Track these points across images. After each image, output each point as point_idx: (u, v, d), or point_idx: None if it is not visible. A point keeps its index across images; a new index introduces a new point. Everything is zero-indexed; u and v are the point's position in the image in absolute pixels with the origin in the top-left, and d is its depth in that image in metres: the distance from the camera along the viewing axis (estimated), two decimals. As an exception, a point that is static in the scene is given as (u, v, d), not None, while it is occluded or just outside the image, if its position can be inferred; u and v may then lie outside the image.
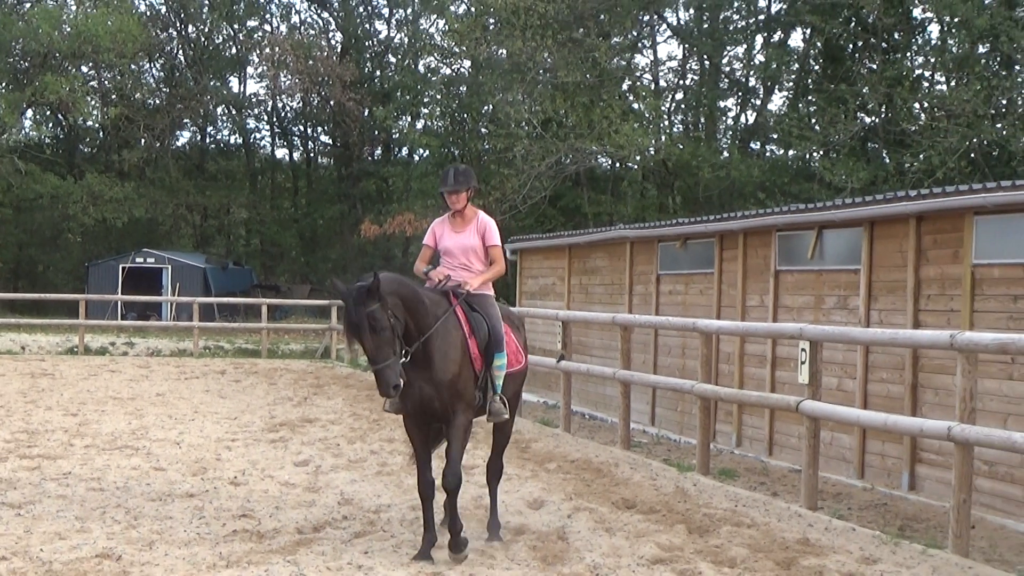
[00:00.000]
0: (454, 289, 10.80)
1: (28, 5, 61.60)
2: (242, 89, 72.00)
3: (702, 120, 51.42)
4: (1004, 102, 40.40)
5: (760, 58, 51.62)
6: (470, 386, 10.57)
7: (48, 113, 66.00)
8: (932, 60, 44.74)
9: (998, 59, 41.94)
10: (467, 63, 56.76)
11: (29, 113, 64.00)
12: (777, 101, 53.11)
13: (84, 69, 62.69)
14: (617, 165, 51.76)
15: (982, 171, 38.04)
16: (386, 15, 70.29)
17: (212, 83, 68.47)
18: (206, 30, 69.94)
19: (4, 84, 58.85)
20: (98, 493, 13.02)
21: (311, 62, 63.71)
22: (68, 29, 57.35)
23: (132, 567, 9.60)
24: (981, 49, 42.05)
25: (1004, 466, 14.25)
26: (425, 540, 10.32)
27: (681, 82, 53.64)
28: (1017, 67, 41.70)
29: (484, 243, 11.22)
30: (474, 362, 10.61)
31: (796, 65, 50.70)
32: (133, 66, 63.88)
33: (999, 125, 39.33)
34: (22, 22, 58.13)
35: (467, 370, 10.52)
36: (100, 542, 10.51)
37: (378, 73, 68.01)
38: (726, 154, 48.23)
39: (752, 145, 52.37)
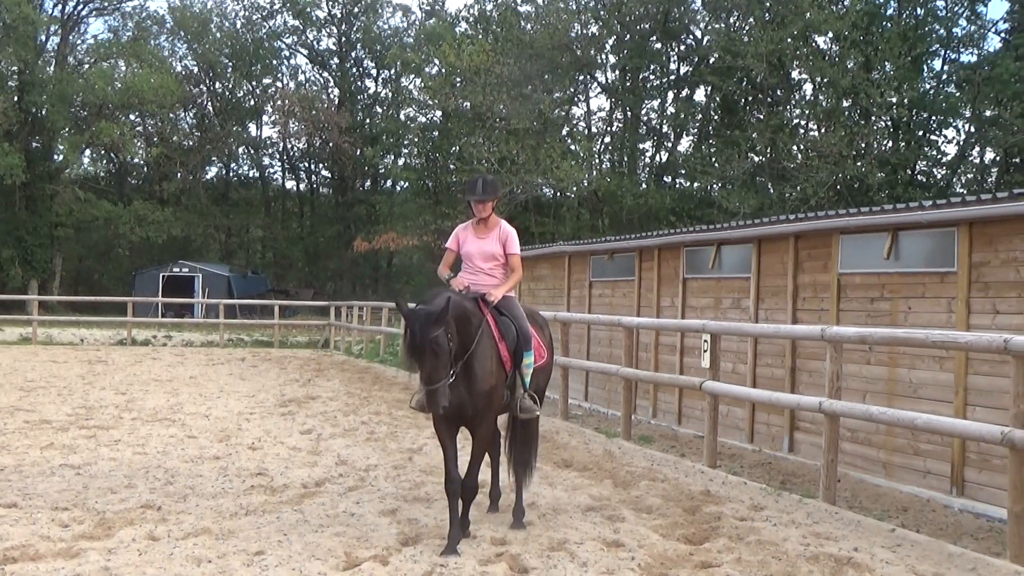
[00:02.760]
0: (482, 297, 9.20)
1: (87, 66, 61.20)
2: (259, 133, 71.79)
3: (625, 159, 51.45)
4: (863, 145, 40.79)
5: (671, 110, 51.80)
6: (501, 391, 9.06)
7: (102, 152, 65.72)
8: (806, 112, 45.07)
9: (858, 111, 42.33)
10: (439, 113, 56.79)
11: (87, 152, 63.94)
12: (685, 144, 53.43)
13: (132, 117, 62.32)
14: (558, 194, 51.77)
15: (846, 200, 38.36)
16: (374, 74, 70.13)
17: (234, 128, 68.40)
18: (230, 86, 69.71)
19: (67, 129, 58.57)
20: (142, 456, 12.94)
21: (314, 112, 63.71)
22: (119, 85, 57.39)
23: (169, 515, 9.54)
24: (845, 103, 42.41)
25: (863, 432, 14.34)
26: (451, 536, 8.53)
27: (608, 128, 53.67)
28: (873, 117, 42.05)
29: (505, 251, 9.57)
30: (504, 365, 9.04)
31: (699, 115, 50.99)
32: (171, 115, 63.89)
33: (859, 164, 39.72)
34: (81, 79, 57.84)
35: (500, 376, 8.97)
36: (144, 495, 10.45)
37: (367, 120, 67.78)
38: (644, 186, 48.30)
39: (665, 178, 52.46)
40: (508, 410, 9.49)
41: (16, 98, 56.22)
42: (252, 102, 70.22)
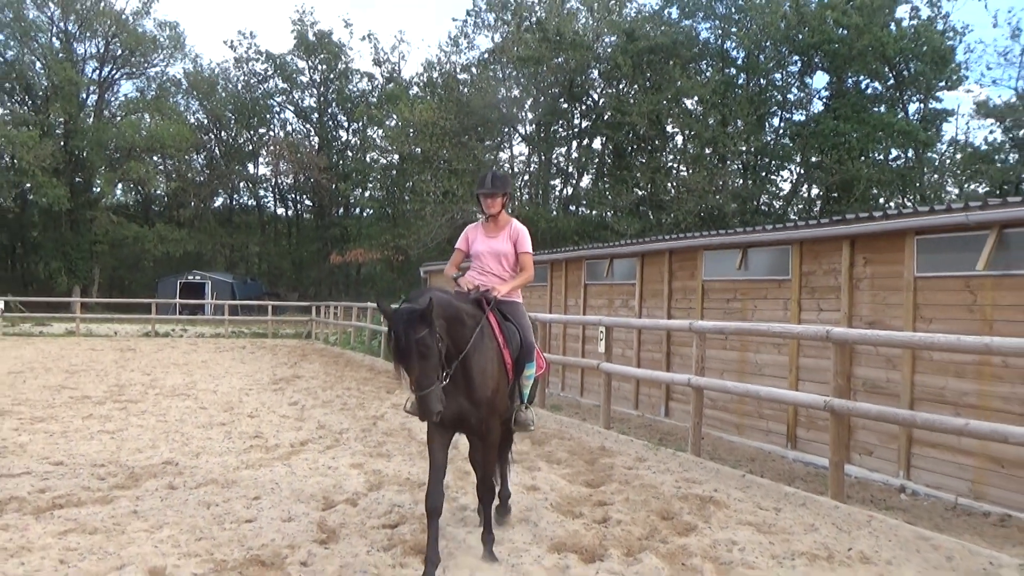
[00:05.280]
0: (484, 295, 6.73)
1: (119, 118, 60.30)
2: (255, 171, 70.96)
3: (540, 192, 51.53)
4: (721, 183, 41.28)
5: (575, 155, 52.01)
6: (504, 399, 6.60)
7: (132, 185, 64.83)
8: (678, 157, 45.51)
9: (717, 157, 42.85)
10: (396, 156, 56.51)
11: (119, 186, 62.81)
12: (586, 181, 53.53)
13: (155, 158, 61.36)
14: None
15: (708, 224, 38.74)
16: (346, 126, 69.53)
17: (236, 167, 67.90)
18: (233, 134, 69.03)
19: (103, 167, 57.87)
20: (163, 423, 12.74)
21: (299, 155, 63.28)
22: (144, 133, 56.82)
23: (185, 469, 9.40)
24: (707, 151, 42.88)
25: (721, 401, 14.51)
26: (428, 562, 5.88)
27: (527, 169, 53.74)
28: (728, 161, 42.61)
29: (516, 249, 7.38)
30: (508, 373, 6.59)
31: (597, 159, 51.20)
32: (186, 156, 63.15)
33: (718, 197, 40.18)
34: (115, 128, 57.16)
35: (503, 383, 6.50)
36: (165, 454, 10.29)
37: (341, 162, 67.13)
38: (555, 213, 48.38)
39: (570, 208, 52.60)
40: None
41: (63, 143, 55.76)
42: (250, 147, 69.59)
